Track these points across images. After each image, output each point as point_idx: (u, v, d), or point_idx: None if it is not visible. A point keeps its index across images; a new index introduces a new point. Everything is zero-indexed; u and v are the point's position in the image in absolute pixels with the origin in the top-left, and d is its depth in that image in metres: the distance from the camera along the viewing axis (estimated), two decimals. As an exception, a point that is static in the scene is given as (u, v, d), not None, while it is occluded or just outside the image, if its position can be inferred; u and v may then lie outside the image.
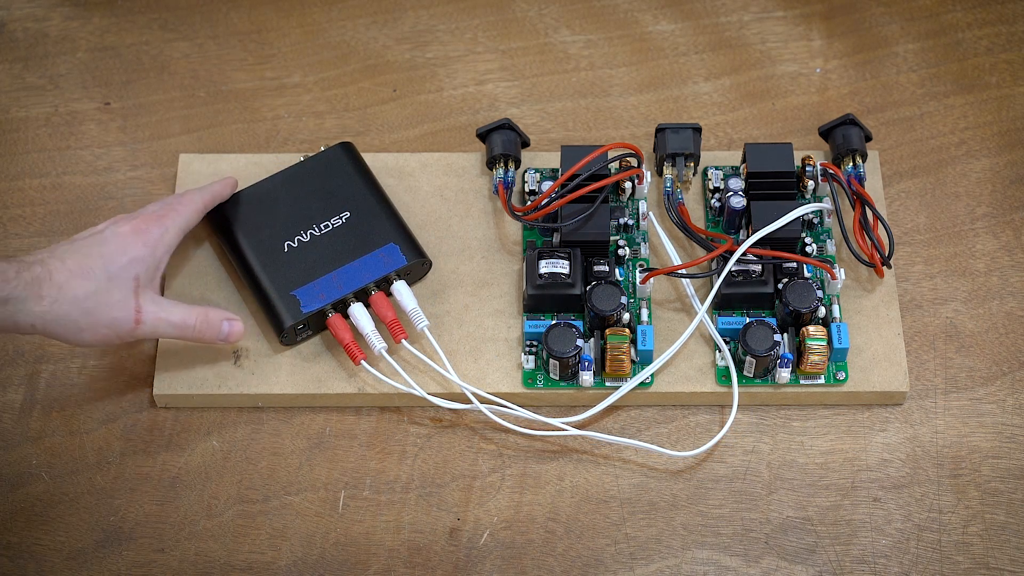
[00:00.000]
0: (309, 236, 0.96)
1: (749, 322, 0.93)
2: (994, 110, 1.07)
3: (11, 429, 0.95)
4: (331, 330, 0.94)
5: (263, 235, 0.97)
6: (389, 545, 0.91)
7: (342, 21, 1.12)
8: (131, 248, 0.89)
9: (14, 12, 1.12)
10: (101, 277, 0.87)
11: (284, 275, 0.95)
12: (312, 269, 0.95)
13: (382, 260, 0.96)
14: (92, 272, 0.87)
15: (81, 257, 0.87)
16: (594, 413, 0.93)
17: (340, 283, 0.95)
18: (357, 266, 0.95)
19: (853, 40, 1.11)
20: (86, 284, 0.86)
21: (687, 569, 0.90)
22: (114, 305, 0.88)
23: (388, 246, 0.96)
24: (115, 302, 0.88)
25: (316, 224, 0.97)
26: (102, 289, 0.87)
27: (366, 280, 0.95)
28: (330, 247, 0.96)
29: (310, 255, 0.96)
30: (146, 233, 0.90)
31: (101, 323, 0.87)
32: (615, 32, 1.12)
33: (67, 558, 0.91)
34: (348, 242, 0.96)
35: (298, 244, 0.96)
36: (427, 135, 1.07)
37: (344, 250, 0.96)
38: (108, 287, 0.87)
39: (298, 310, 0.94)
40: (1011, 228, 1.02)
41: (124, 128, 1.07)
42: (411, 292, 0.96)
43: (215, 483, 0.93)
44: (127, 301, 0.88)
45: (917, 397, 0.95)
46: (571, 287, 0.95)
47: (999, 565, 0.90)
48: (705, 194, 1.01)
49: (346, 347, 0.94)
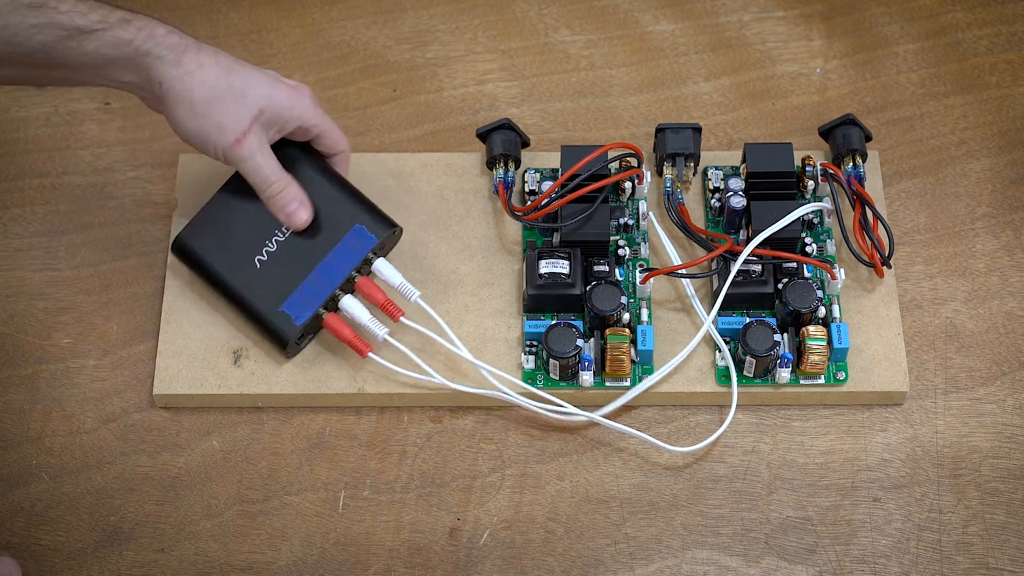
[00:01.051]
0: (275, 244, 0.94)
1: (749, 322, 0.93)
2: (994, 110, 1.07)
3: (11, 429, 0.95)
4: (330, 331, 0.94)
5: (232, 256, 0.95)
6: (389, 545, 0.91)
7: (342, 21, 1.12)
8: (276, 92, 0.92)
9: (14, 12, 1.12)
10: (237, 87, 0.90)
11: (266, 292, 0.93)
12: (290, 278, 0.94)
13: (353, 245, 0.94)
14: (233, 77, 0.90)
15: (233, 62, 0.91)
16: (614, 408, 0.93)
17: (321, 283, 0.94)
18: (332, 260, 0.94)
19: (853, 40, 1.11)
20: (221, 79, 0.89)
21: (687, 569, 0.90)
22: (230, 113, 0.90)
23: (354, 229, 0.95)
24: (232, 112, 0.90)
25: (277, 229, 0.95)
26: (230, 96, 0.90)
27: (346, 271, 0.94)
28: (299, 248, 0.94)
29: (283, 263, 0.94)
30: (296, 94, 0.93)
31: (211, 119, 0.89)
32: (615, 32, 1.12)
33: (67, 558, 0.91)
34: (314, 237, 0.95)
35: (267, 256, 0.94)
36: (427, 135, 1.07)
37: (314, 247, 0.94)
38: (235, 97, 0.90)
39: (292, 324, 0.93)
40: (1011, 228, 1.02)
41: (124, 128, 1.07)
42: (392, 267, 0.95)
43: (215, 483, 0.93)
44: (241, 119, 0.90)
45: (917, 397, 0.95)
46: (571, 287, 0.95)
47: (999, 565, 0.90)
48: (705, 194, 1.01)
49: (350, 343, 0.93)
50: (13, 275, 1.00)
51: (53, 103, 1.08)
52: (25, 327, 0.98)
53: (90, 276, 1.00)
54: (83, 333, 0.98)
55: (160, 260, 1.00)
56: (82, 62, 0.87)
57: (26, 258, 1.01)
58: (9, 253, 1.01)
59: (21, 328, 0.98)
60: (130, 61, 0.88)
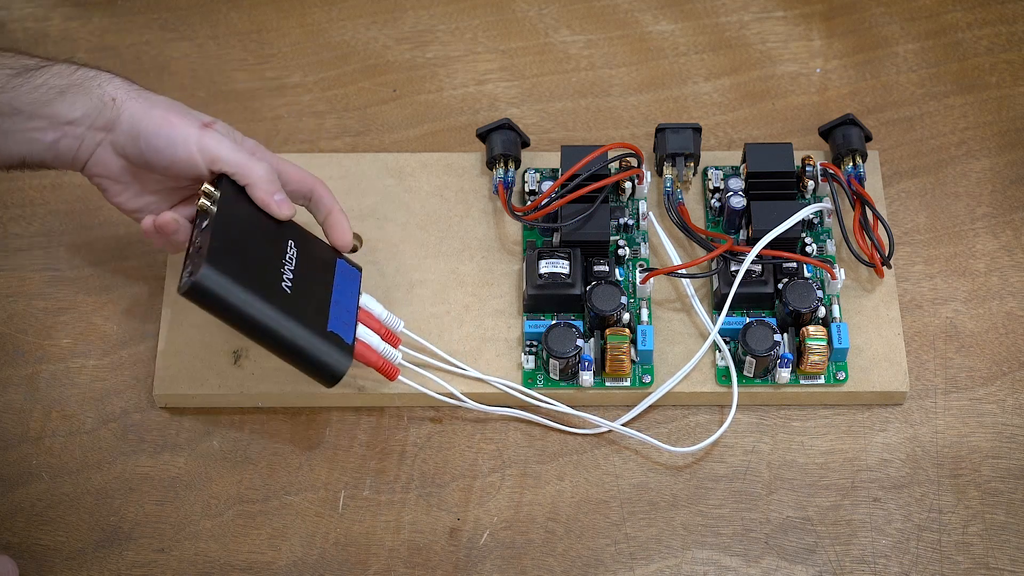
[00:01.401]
0: (289, 271, 0.88)
1: (749, 322, 0.93)
2: (994, 110, 1.07)
3: (11, 429, 0.95)
4: (358, 358, 0.89)
5: (259, 284, 0.85)
6: (389, 545, 0.91)
7: (342, 21, 1.12)
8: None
9: (14, 12, 1.12)
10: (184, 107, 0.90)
11: (308, 315, 0.86)
12: (320, 300, 0.88)
13: (346, 277, 0.92)
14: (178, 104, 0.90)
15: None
16: (637, 413, 0.94)
17: (345, 304, 0.90)
18: (339, 287, 0.91)
19: (853, 40, 1.11)
20: (172, 101, 0.90)
21: (687, 569, 0.90)
22: (190, 112, 0.89)
23: (339, 263, 0.92)
24: (191, 112, 0.89)
25: (284, 257, 0.88)
26: (183, 108, 0.89)
27: (355, 297, 0.91)
28: (310, 275, 0.89)
29: (305, 288, 0.88)
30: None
31: (172, 114, 0.88)
32: (615, 32, 1.12)
33: (67, 558, 0.91)
34: (315, 268, 0.90)
35: (288, 282, 0.87)
36: (427, 135, 1.07)
37: (318, 276, 0.90)
38: (188, 109, 0.90)
39: (344, 344, 0.87)
40: (1011, 228, 1.02)
41: (124, 128, 1.07)
42: (375, 300, 0.93)
43: (215, 483, 0.93)
44: (202, 114, 0.90)
45: (917, 397, 0.95)
46: (571, 287, 0.95)
47: (999, 565, 0.90)
48: (705, 194, 1.01)
49: (380, 368, 0.90)
50: (13, 275, 1.00)
51: (53, 103, 1.08)
52: (25, 327, 0.98)
53: (90, 276, 1.00)
54: (83, 333, 0.98)
55: (160, 260, 1.00)
56: (32, 99, 0.86)
57: (26, 258, 1.01)
58: (9, 253, 1.01)
59: (21, 328, 0.98)
60: (80, 87, 0.87)
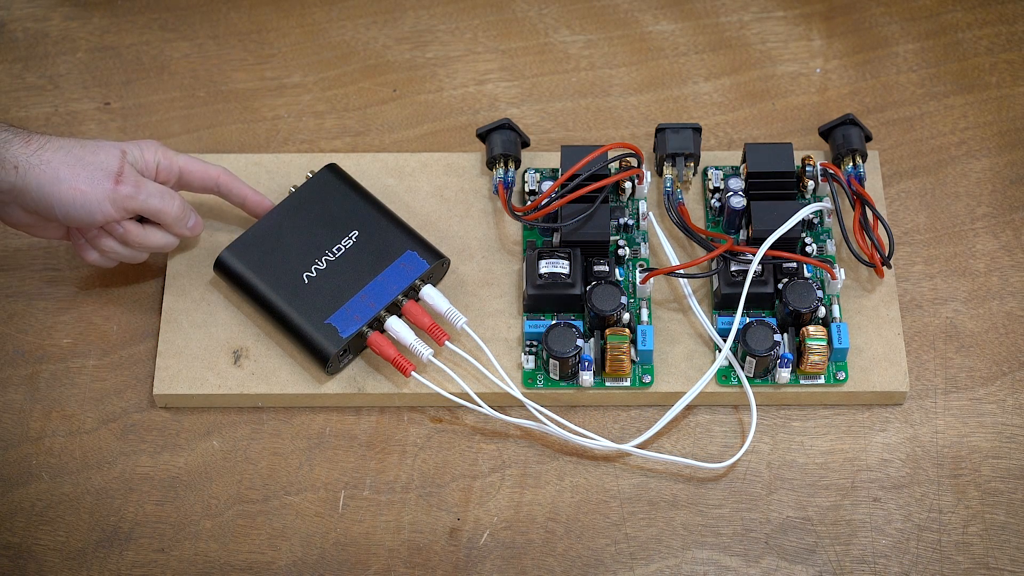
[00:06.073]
0: (325, 263, 0.95)
1: (749, 322, 0.93)
2: (994, 110, 1.07)
3: (11, 429, 0.95)
4: (373, 348, 0.93)
5: (279, 273, 0.95)
6: (389, 545, 0.91)
7: (342, 21, 1.12)
8: (126, 142, 0.93)
9: (14, 12, 1.12)
10: (90, 145, 0.91)
11: (313, 306, 0.94)
12: (338, 294, 0.94)
13: (404, 269, 0.95)
14: (83, 141, 0.91)
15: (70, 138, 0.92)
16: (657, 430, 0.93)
17: (370, 301, 0.94)
18: (381, 281, 0.95)
19: (853, 40, 1.11)
20: (74, 145, 0.90)
21: (687, 569, 0.90)
22: (97, 163, 0.90)
23: (407, 254, 0.96)
24: (99, 160, 0.90)
25: (328, 250, 0.96)
26: (89, 152, 0.91)
27: (395, 292, 0.94)
28: (349, 269, 0.95)
29: (331, 281, 0.95)
30: (143, 141, 0.94)
31: (80, 176, 0.89)
32: (615, 32, 1.12)
33: (67, 558, 0.91)
34: (365, 260, 0.95)
35: (316, 273, 0.95)
36: (427, 135, 1.07)
37: (363, 268, 0.95)
38: (94, 150, 0.91)
39: (337, 336, 0.93)
40: (1011, 228, 1.02)
41: (124, 128, 1.07)
42: (441, 294, 0.95)
43: (215, 483, 0.93)
44: (111, 159, 0.91)
45: (917, 397, 0.95)
46: (571, 287, 0.95)
47: (999, 565, 0.90)
48: (705, 194, 1.01)
49: (393, 362, 0.93)
50: (13, 275, 1.00)
51: (53, 103, 1.08)
52: (25, 327, 0.98)
53: (90, 276, 1.00)
54: (83, 333, 0.98)
55: (160, 260, 1.00)
56: None
57: (26, 258, 1.01)
58: (9, 253, 1.01)
59: (21, 328, 0.98)
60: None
